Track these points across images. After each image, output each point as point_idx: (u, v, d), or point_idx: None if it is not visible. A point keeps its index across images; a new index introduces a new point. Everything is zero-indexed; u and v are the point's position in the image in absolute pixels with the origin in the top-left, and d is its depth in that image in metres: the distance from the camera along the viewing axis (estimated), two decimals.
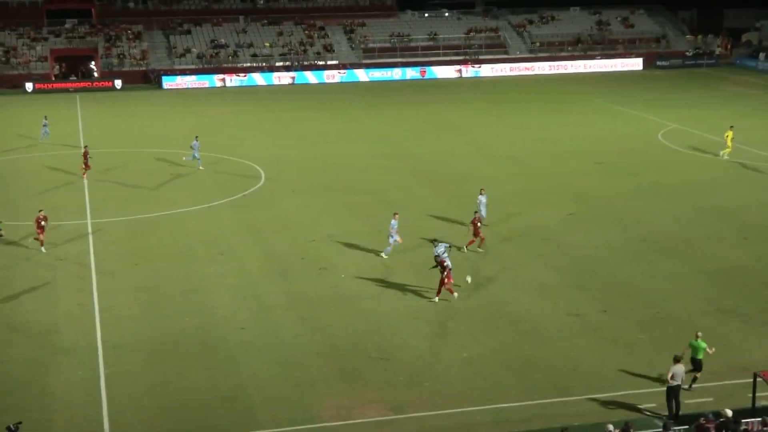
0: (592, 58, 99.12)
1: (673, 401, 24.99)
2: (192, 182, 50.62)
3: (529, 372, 28.07)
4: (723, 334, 30.39)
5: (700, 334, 26.91)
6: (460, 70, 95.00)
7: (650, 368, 27.58)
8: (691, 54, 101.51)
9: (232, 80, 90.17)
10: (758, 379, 24.01)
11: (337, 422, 25.30)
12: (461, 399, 26.46)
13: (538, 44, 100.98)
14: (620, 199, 46.04)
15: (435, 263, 34.06)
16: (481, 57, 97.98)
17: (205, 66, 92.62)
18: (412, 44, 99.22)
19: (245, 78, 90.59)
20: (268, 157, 56.64)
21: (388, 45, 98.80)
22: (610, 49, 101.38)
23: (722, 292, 34.16)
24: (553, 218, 41.98)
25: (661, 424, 22.61)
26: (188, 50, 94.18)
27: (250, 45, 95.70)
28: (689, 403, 25.31)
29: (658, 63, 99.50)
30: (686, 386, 25.89)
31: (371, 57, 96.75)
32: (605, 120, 69.23)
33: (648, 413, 25.44)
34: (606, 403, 25.98)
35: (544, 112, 72.73)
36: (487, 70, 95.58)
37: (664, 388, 25.13)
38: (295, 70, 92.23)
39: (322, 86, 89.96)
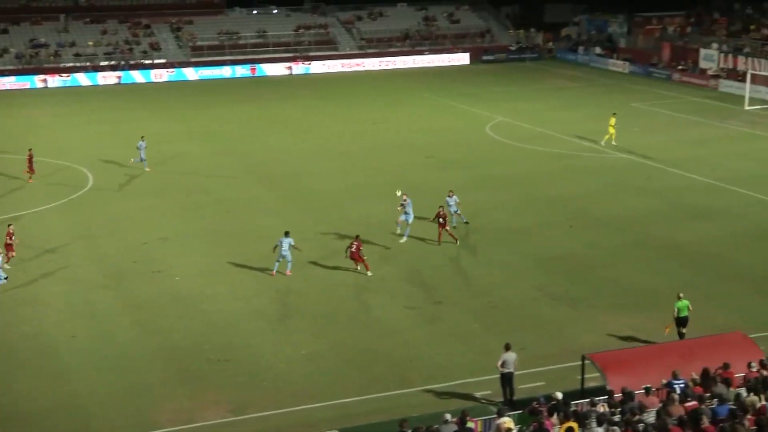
0: (421, 53, 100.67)
1: (507, 387, 25.79)
2: (11, 187, 48.77)
3: (369, 365, 28.42)
4: (553, 320, 31.56)
5: (681, 294, 29.19)
6: (290, 67, 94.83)
7: (485, 356, 28.30)
8: (514, 48, 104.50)
9: (55, 80, 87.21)
10: (586, 362, 24.98)
11: (176, 426, 24.97)
12: (303, 396, 26.55)
13: (366, 41, 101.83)
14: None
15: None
16: (311, 54, 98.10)
17: (25, 66, 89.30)
18: (241, 42, 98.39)
19: (68, 78, 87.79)
20: (96, 158, 55.08)
21: (216, 43, 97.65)
22: (437, 45, 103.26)
23: (551, 278, 35.42)
24: (386, 212, 42.55)
25: (495, 410, 23.24)
26: (6, 50, 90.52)
27: (73, 44, 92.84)
28: (522, 388, 26.14)
29: (484, 57, 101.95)
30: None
31: (200, 55, 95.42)
32: (435, 114, 70.55)
33: (484, 400, 26.16)
34: (443, 393, 26.57)
35: (376, 107, 73.54)
36: (317, 67, 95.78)
37: (498, 376, 25.88)
38: (122, 70, 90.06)
39: (150, 85, 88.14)
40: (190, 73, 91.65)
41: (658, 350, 26.10)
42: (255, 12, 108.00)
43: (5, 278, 34.21)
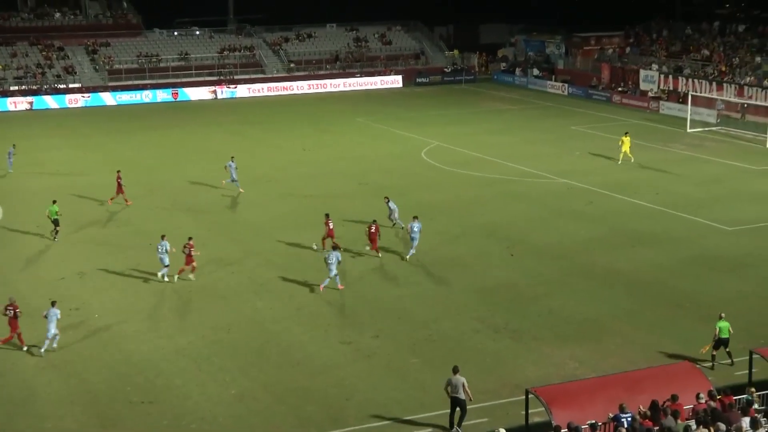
0: (352, 75, 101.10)
1: (460, 413, 25.79)
2: None
3: (303, 404, 28.21)
4: (495, 352, 31.67)
5: (723, 314, 30.35)
6: (215, 91, 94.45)
7: (424, 392, 28.34)
8: (450, 70, 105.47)
9: None
10: (530, 396, 25.07)
11: None
12: None
13: (294, 63, 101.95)
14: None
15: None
16: (236, 77, 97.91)
17: None
18: (162, 65, 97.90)
19: None
20: (5, 189, 54.17)
21: (135, 66, 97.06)
22: (369, 67, 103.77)
23: (492, 309, 35.56)
24: (316, 242, 42.43)
25: None
26: None
27: None
28: (465, 424, 26.12)
29: (418, 80, 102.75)
30: (728, 361, 29.61)
31: (118, 79, 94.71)
32: (368, 139, 70.78)
33: None
34: (382, 431, 26.46)
35: (305, 132, 73.53)
36: (243, 91, 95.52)
37: (441, 412, 25.90)
38: (34, 95, 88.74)
39: (65, 111, 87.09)
40: (108, 98, 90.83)
41: (604, 382, 26.28)
42: (176, 33, 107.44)
43: (167, 266, 38.58)
